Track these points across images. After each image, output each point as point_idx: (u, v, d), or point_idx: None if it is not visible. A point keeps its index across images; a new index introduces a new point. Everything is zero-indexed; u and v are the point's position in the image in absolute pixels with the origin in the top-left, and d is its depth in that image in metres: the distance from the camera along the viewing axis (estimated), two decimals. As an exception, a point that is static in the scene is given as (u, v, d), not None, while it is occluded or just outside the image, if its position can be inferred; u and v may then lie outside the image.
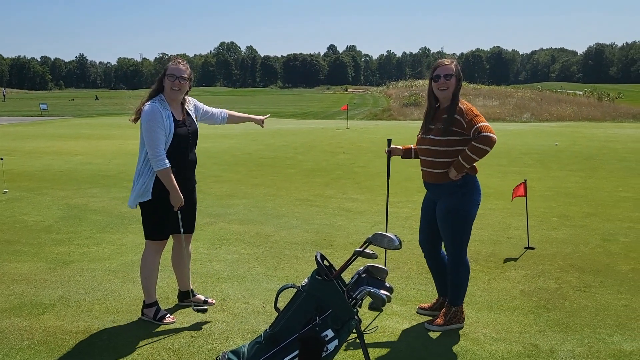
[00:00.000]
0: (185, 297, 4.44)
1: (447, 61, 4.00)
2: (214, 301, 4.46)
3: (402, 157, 4.53)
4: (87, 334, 3.94)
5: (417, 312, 4.36)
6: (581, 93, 51.31)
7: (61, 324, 4.08)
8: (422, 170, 4.15)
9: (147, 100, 4.03)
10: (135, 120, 4.12)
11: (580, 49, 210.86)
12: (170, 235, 4.23)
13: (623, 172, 11.17)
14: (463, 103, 3.93)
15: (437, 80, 3.94)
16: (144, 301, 4.20)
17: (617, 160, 12.79)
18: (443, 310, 4.10)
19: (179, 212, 4.06)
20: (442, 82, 3.91)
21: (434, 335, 3.95)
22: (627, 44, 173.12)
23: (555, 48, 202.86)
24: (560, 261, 5.55)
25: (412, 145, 4.47)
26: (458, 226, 3.94)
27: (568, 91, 56.65)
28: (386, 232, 4.39)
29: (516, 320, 4.14)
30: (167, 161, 3.91)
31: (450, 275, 4.05)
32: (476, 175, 4.01)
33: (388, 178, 4.78)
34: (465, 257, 4.04)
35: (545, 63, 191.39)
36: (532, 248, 5.97)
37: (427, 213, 4.19)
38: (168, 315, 4.18)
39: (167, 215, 4.06)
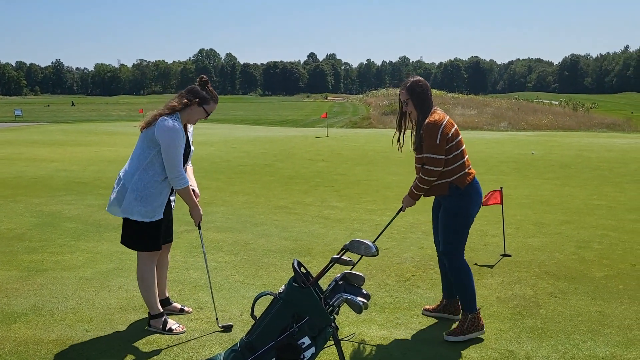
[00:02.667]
0: (162, 306, 4.37)
1: (402, 88, 4.12)
2: (191, 310, 4.42)
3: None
4: (59, 343, 3.86)
5: (422, 314, 4.43)
6: (557, 103, 52.30)
7: (33, 334, 4.00)
8: None
9: (165, 114, 3.86)
10: (145, 128, 3.90)
11: (556, 60, 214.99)
12: None
13: (597, 180, 11.38)
14: (431, 120, 3.96)
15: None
16: (149, 313, 4.12)
17: (591, 169, 13.03)
18: (460, 319, 4.09)
19: (198, 227, 4.20)
20: (404, 109, 4.15)
21: (411, 342, 3.96)
22: (601, 55, 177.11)
23: (532, 58, 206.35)
24: (535, 268, 5.62)
25: None
26: (455, 225, 4.01)
27: (544, 101, 57.70)
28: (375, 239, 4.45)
29: (492, 327, 4.17)
30: (187, 179, 3.94)
31: (454, 282, 4.09)
32: (474, 177, 4.06)
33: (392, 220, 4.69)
34: (462, 259, 4.06)
35: (522, 73, 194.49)
36: (509, 255, 6.04)
37: (436, 214, 4.27)
38: (178, 324, 4.09)
39: (162, 226, 4.05)
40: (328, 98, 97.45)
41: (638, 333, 4.09)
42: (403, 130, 4.24)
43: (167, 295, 4.42)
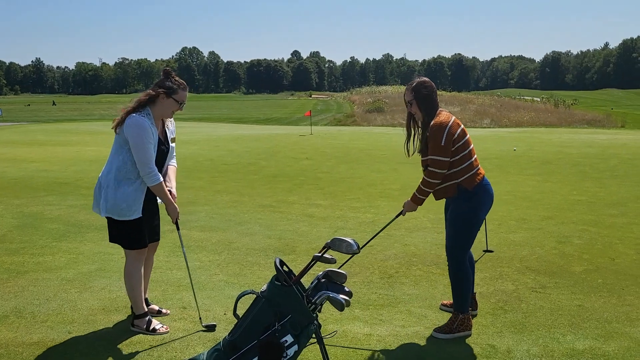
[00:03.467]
0: None
1: (407, 89, 4.10)
2: (169, 311, 4.38)
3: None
4: (41, 345, 3.83)
5: (440, 309, 4.46)
6: (539, 99, 52.78)
7: (14, 336, 3.96)
8: None
9: (133, 111, 3.85)
10: (117, 128, 3.88)
11: (538, 57, 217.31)
12: None
13: (577, 176, 11.53)
14: (437, 121, 3.94)
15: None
16: (133, 313, 4.09)
17: (572, 165, 13.20)
18: (450, 317, 4.11)
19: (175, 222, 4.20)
20: (409, 109, 4.11)
21: (395, 338, 3.99)
22: (581, 52, 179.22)
23: (514, 55, 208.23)
24: (517, 263, 5.69)
25: None
26: (462, 228, 4.01)
27: (526, 97, 58.17)
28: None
29: (474, 322, 4.22)
30: (160, 175, 3.90)
31: (453, 283, 4.11)
32: (483, 177, 4.04)
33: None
34: (466, 262, 4.08)
35: (505, 70, 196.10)
36: (491, 251, 6.10)
37: (447, 214, 4.27)
38: (161, 325, 4.06)
39: (146, 224, 4.04)
40: (312, 96, 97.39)
41: (617, 326, 4.17)
42: (413, 134, 4.18)
43: (146, 296, 4.38)
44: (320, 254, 2.95)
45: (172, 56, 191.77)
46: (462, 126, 4.01)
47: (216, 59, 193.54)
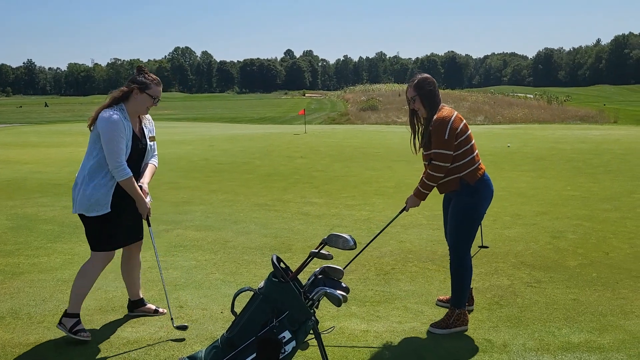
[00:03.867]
0: (136, 307, 4.34)
1: (408, 87, 4.12)
2: (165, 310, 4.34)
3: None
4: (38, 346, 3.82)
5: (436, 304, 4.48)
6: (532, 96, 52.97)
7: (11, 337, 3.95)
8: None
9: (107, 107, 3.87)
10: (91, 125, 3.90)
11: (530, 54, 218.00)
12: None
13: (571, 172, 11.59)
14: (439, 116, 3.96)
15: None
16: (66, 310, 3.96)
17: (566, 161, 13.27)
18: (447, 313, 4.13)
19: (145, 218, 4.08)
20: (412, 106, 4.11)
21: (391, 334, 4.00)
22: (573, 48, 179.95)
23: (507, 53, 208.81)
24: (512, 259, 5.72)
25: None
26: (464, 223, 4.03)
27: (519, 94, 58.44)
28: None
29: (471, 317, 4.24)
30: (129, 170, 3.84)
31: (453, 278, 4.12)
32: (484, 172, 4.07)
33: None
34: (468, 256, 4.09)
35: (498, 67, 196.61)
36: (486, 247, 6.11)
37: (446, 209, 4.29)
38: (86, 331, 3.92)
39: (118, 225, 3.96)
40: (306, 95, 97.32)
41: (611, 319, 4.20)
42: (417, 130, 4.19)
43: (141, 296, 4.36)
44: (317, 250, 2.96)
45: (165, 56, 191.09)
46: (464, 121, 4.06)
47: (209, 58, 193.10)
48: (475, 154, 4.06)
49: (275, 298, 2.86)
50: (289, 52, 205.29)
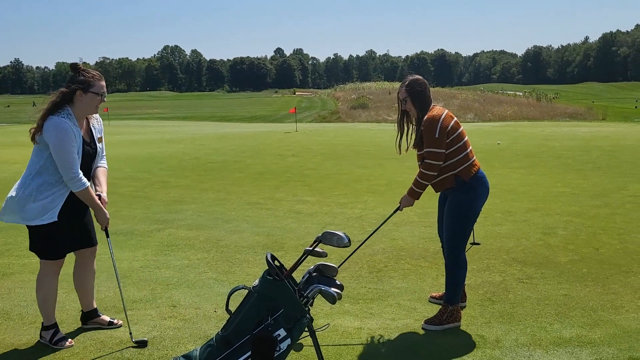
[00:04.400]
0: (89, 318, 4.11)
1: (401, 87, 4.14)
2: (121, 322, 4.12)
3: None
4: (30, 347, 3.80)
5: (429, 301, 4.50)
6: (521, 94, 53.31)
7: (2, 338, 3.92)
8: None
9: (50, 113, 3.56)
10: (35, 134, 3.60)
11: (519, 52, 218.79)
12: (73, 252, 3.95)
13: (560, 168, 11.67)
14: (429, 115, 3.99)
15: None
16: (42, 323, 3.89)
17: (555, 158, 13.36)
18: (440, 309, 4.14)
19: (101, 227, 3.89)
20: (403, 107, 4.15)
21: (385, 331, 4.02)
22: (562, 46, 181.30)
23: (496, 50, 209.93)
24: (504, 255, 5.76)
25: None
26: (460, 220, 4.05)
27: (509, 92, 58.77)
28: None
29: (463, 313, 4.26)
30: (85, 180, 3.63)
31: (447, 274, 4.14)
32: (479, 169, 4.09)
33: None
34: (463, 253, 4.12)
35: (487, 65, 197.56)
36: (478, 244, 6.14)
37: (441, 206, 4.31)
38: (67, 339, 3.85)
39: (65, 233, 3.76)
40: (296, 93, 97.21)
41: (602, 314, 4.24)
42: (405, 130, 4.22)
43: (94, 306, 4.13)
44: (311, 248, 2.97)
45: (154, 55, 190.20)
46: (455, 119, 4.09)
47: (199, 57, 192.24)
48: (469, 150, 4.08)
49: (270, 296, 2.86)
50: (279, 51, 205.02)
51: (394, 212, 4.39)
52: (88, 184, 3.68)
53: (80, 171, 3.62)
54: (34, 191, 3.63)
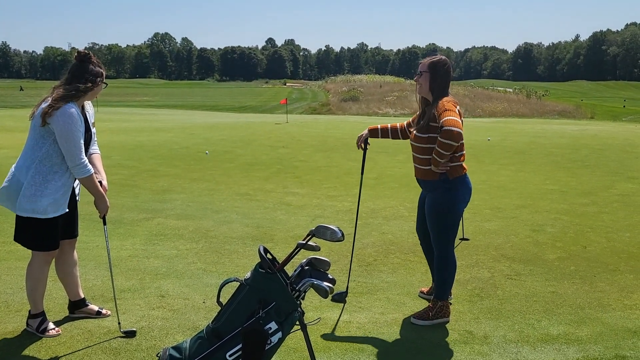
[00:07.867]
0: (77, 307, 4.08)
1: (425, 59, 4.05)
2: (109, 312, 4.11)
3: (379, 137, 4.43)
4: (16, 334, 3.76)
5: (418, 296, 4.51)
6: (511, 90, 53.46)
7: (-12, 326, 3.87)
8: (413, 165, 4.15)
9: (64, 100, 3.51)
10: (46, 117, 3.48)
11: (510, 48, 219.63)
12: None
13: (550, 166, 11.75)
14: (448, 99, 3.91)
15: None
16: (29, 311, 3.86)
17: (545, 155, 13.44)
18: (429, 304, 4.14)
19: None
20: (416, 78, 4.03)
21: (374, 325, 4.02)
22: (552, 44, 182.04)
23: (487, 46, 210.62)
24: (492, 251, 5.79)
25: (397, 125, 4.43)
26: (443, 221, 4.00)
27: (499, 88, 58.91)
28: (356, 225, 4.51)
29: (452, 309, 4.28)
30: (90, 167, 3.62)
31: (437, 271, 4.12)
32: (466, 172, 4.03)
33: (362, 173, 4.64)
34: (452, 253, 4.10)
35: (478, 61, 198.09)
36: (467, 239, 6.19)
37: (422, 204, 4.27)
38: (53, 327, 3.83)
39: (58, 222, 3.71)
40: (287, 84, 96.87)
41: (589, 312, 4.28)
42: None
43: (82, 295, 4.10)
44: (304, 242, 2.95)
45: (144, 42, 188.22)
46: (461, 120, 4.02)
47: (189, 45, 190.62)
48: (462, 152, 3.99)
49: (261, 289, 2.84)
50: (270, 41, 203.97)
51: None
52: (92, 170, 3.67)
53: (85, 158, 3.62)
54: (39, 181, 3.59)
